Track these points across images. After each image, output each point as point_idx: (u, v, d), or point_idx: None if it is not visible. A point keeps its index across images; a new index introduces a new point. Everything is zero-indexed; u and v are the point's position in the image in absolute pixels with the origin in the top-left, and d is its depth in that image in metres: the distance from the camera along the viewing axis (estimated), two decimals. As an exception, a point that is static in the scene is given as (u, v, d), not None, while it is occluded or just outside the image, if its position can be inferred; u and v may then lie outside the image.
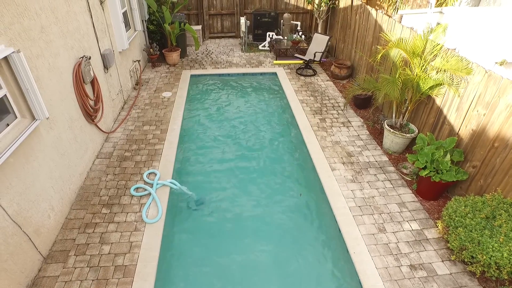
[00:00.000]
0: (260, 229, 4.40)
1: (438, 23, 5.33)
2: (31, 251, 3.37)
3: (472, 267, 3.43)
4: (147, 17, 8.67)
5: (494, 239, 3.31)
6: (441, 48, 4.79)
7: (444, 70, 4.71)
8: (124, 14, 7.23)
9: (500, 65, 4.90)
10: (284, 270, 3.89)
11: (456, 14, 5.71)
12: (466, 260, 3.49)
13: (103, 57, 5.73)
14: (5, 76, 3.18)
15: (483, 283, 3.51)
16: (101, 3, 5.78)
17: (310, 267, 3.92)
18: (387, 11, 8.76)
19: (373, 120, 6.48)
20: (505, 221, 3.42)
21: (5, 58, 3.08)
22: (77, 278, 3.47)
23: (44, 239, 3.64)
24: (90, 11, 5.27)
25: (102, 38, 5.75)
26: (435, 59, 4.90)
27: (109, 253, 3.76)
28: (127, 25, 7.44)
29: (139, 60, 8.05)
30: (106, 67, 5.85)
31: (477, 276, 3.52)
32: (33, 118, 3.54)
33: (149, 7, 8.73)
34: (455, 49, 4.72)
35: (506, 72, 4.84)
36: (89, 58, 4.94)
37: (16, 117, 3.39)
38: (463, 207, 3.76)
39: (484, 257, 3.25)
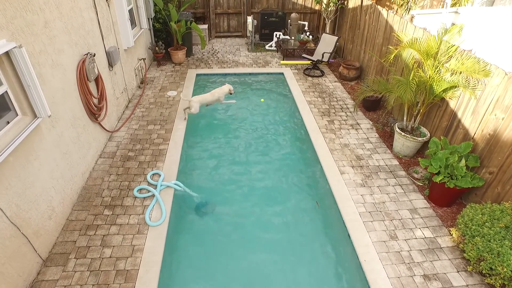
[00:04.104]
0: (266, 232, 4.26)
1: (453, 24, 5.15)
2: (30, 253, 3.25)
3: (491, 279, 3.26)
4: (153, 15, 8.57)
5: (515, 250, 3.14)
6: (456, 49, 4.62)
7: (460, 72, 4.54)
8: (130, 12, 7.13)
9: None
10: (292, 278, 3.73)
11: (473, 14, 5.52)
12: (484, 271, 3.32)
13: (108, 54, 5.62)
14: (6, 72, 3.07)
15: (502, 296, 3.34)
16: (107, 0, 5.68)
17: (319, 276, 3.77)
18: (397, 11, 8.58)
19: (383, 123, 6.31)
20: (526, 232, 3.25)
21: (6, 53, 2.97)
22: (77, 283, 3.35)
23: (43, 241, 3.52)
24: (95, 7, 5.16)
25: (107, 35, 5.64)
26: (449, 60, 4.73)
27: (110, 257, 3.63)
28: (132, 22, 7.34)
29: (145, 59, 7.94)
30: (111, 64, 5.74)
31: (496, 288, 3.34)
32: (35, 115, 3.42)
33: (155, 5, 8.63)
34: (471, 50, 4.55)
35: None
36: (94, 55, 4.83)
37: (17, 115, 3.28)
38: (480, 215, 3.59)
39: (505, 269, 3.08)
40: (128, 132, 5.85)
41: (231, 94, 6.50)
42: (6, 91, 3.10)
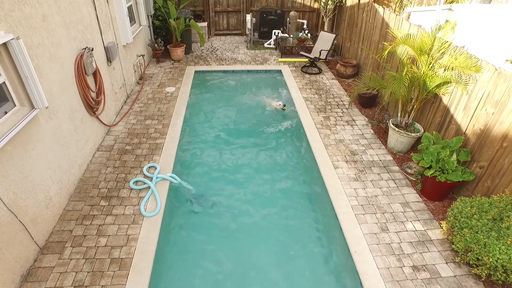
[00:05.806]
0: (260, 224, 4.33)
1: (447, 21, 5.20)
2: (26, 240, 3.33)
3: (478, 269, 3.31)
4: (152, 12, 8.64)
5: (501, 241, 3.19)
6: (449, 45, 4.68)
7: (452, 68, 4.60)
8: (129, 8, 7.20)
9: (511, 62, 4.77)
10: (284, 268, 3.80)
11: (466, 11, 5.57)
12: (471, 262, 3.38)
13: (107, 49, 5.70)
14: (4, 63, 3.14)
15: (489, 286, 3.40)
16: (106, -5, 5.75)
17: (310, 267, 3.84)
18: (394, 10, 8.63)
19: (378, 119, 6.37)
20: (513, 223, 3.30)
21: (4, 45, 3.05)
22: (73, 270, 3.43)
23: (40, 229, 3.60)
24: (94, 3, 5.23)
25: (106, 31, 5.72)
26: (443, 56, 4.79)
27: (105, 246, 3.71)
28: (132, 19, 7.41)
29: (144, 55, 8.02)
30: (109, 60, 5.82)
31: (482, 279, 3.39)
32: (32, 107, 3.50)
33: (155, 2, 8.71)
34: (463, 47, 4.61)
35: (517, 70, 4.71)
36: (92, 50, 4.91)
37: (15, 105, 3.36)
38: (469, 208, 3.65)
39: (491, 259, 3.14)
40: (126, 127, 5.93)
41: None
42: (4, 82, 3.18)
